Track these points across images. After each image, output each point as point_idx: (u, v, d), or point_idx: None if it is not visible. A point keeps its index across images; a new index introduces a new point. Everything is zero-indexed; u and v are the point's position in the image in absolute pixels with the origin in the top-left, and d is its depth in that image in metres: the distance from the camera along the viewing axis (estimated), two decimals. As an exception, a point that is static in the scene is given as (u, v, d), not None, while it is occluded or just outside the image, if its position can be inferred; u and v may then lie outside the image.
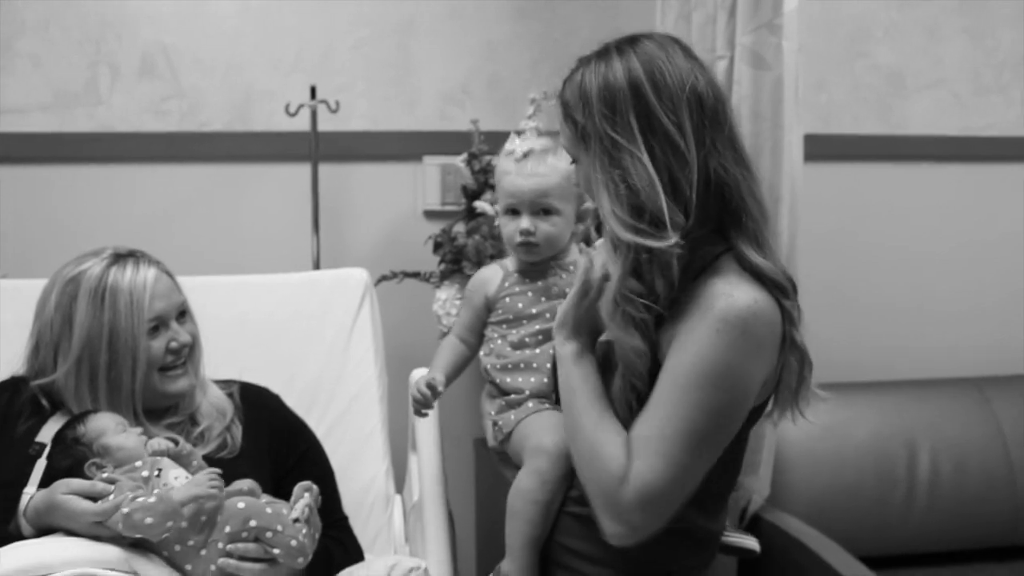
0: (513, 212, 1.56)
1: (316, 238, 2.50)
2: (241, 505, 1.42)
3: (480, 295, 1.62)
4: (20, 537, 1.42)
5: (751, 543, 1.60)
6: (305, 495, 1.48)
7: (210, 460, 1.60)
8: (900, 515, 2.42)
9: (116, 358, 1.57)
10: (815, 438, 2.40)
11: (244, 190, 2.59)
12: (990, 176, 2.94)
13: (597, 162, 1.24)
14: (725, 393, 1.21)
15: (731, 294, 1.21)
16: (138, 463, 1.45)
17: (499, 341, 1.57)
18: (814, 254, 2.55)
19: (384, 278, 2.46)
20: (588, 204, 1.53)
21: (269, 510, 1.43)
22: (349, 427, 2.00)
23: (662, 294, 1.21)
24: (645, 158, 1.20)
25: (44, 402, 1.62)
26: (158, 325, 1.62)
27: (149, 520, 1.37)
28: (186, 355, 1.66)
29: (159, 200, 2.56)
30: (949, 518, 2.44)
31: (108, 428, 1.49)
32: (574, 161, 1.33)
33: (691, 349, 1.21)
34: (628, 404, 1.26)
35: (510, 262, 1.63)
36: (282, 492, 1.62)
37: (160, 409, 1.66)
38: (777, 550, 2.18)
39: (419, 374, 1.60)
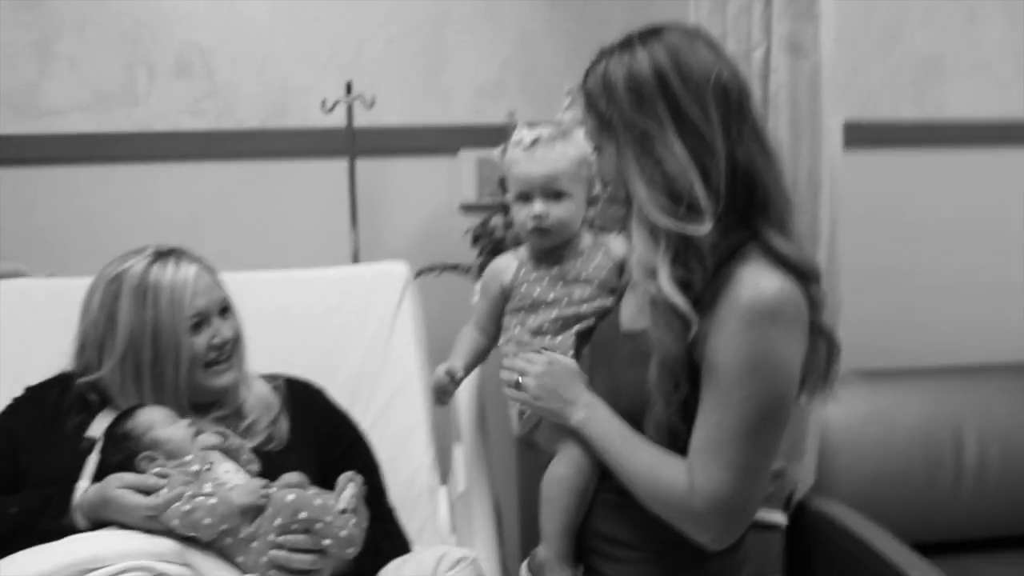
0: (524, 198, 1.54)
1: (355, 233, 2.51)
2: (290, 497, 1.42)
3: (496, 284, 1.61)
4: (74, 531, 1.43)
5: (777, 517, 1.59)
6: (350, 485, 1.48)
7: (258, 453, 1.61)
8: (947, 501, 2.40)
9: (160, 355, 1.59)
10: (861, 424, 2.38)
11: (282, 186, 2.61)
12: (1033, 160, 2.91)
13: (629, 151, 1.25)
14: (769, 383, 1.21)
15: (757, 283, 1.21)
16: (188, 457, 1.46)
17: (517, 328, 1.55)
18: (856, 241, 2.53)
19: (423, 271, 2.47)
20: (598, 189, 1.52)
21: (318, 501, 1.43)
22: (392, 420, 2.00)
23: (698, 281, 1.22)
24: (677, 146, 1.21)
25: (93, 397, 1.63)
26: (200, 321, 1.63)
27: (208, 521, 1.38)
28: (229, 350, 1.67)
29: (198, 198, 2.58)
30: (997, 504, 2.42)
31: (157, 421, 1.50)
32: (596, 149, 1.34)
33: (727, 346, 1.21)
34: (666, 394, 1.25)
35: (524, 250, 1.61)
36: (329, 484, 1.62)
37: (206, 404, 1.67)
38: (823, 537, 2.17)
39: (444, 368, 1.59)
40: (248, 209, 2.60)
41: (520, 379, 1.45)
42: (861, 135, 2.60)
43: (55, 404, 1.63)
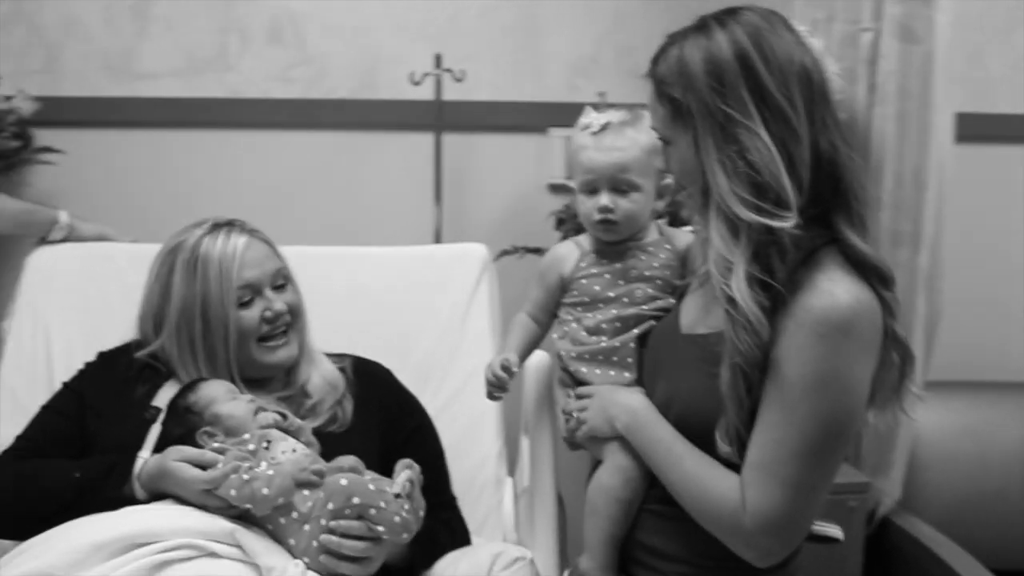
0: (591, 189, 1.47)
1: (438, 209, 2.48)
2: (344, 482, 1.39)
3: (555, 274, 1.53)
4: (133, 500, 1.43)
5: (834, 531, 1.51)
6: (405, 471, 1.44)
7: (319, 434, 1.58)
8: (1047, 527, 2.26)
9: (209, 328, 1.58)
10: (955, 439, 2.26)
11: (368, 159, 2.59)
12: None
13: (709, 139, 1.18)
14: (835, 401, 1.14)
15: (832, 291, 1.15)
16: (246, 435, 1.45)
17: (574, 325, 1.49)
18: (962, 244, 2.39)
19: (505, 253, 2.42)
20: (668, 180, 1.45)
21: (372, 487, 1.40)
22: (463, 405, 1.95)
23: (781, 277, 1.15)
24: (763, 133, 1.15)
25: (159, 367, 1.63)
26: (251, 294, 1.61)
27: (265, 491, 1.35)
28: (284, 325, 1.64)
29: (284, 166, 2.58)
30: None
31: (219, 396, 1.49)
32: (665, 141, 1.27)
33: (794, 358, 1.14)
34: (739, 399, 1.18)
35: (586, 240, 1.54)
36: (390, 469, 1.59)
37: (267, 380, 1.66)
38: (905, 557, 2.06)
39: (498, 359, 1.54)
40: (333, 180, 2.59)
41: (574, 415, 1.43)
42: (975, 128, 2.44)
43: (124, 371, 1.63)
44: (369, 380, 1.74)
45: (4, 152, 2.31)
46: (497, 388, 1.52)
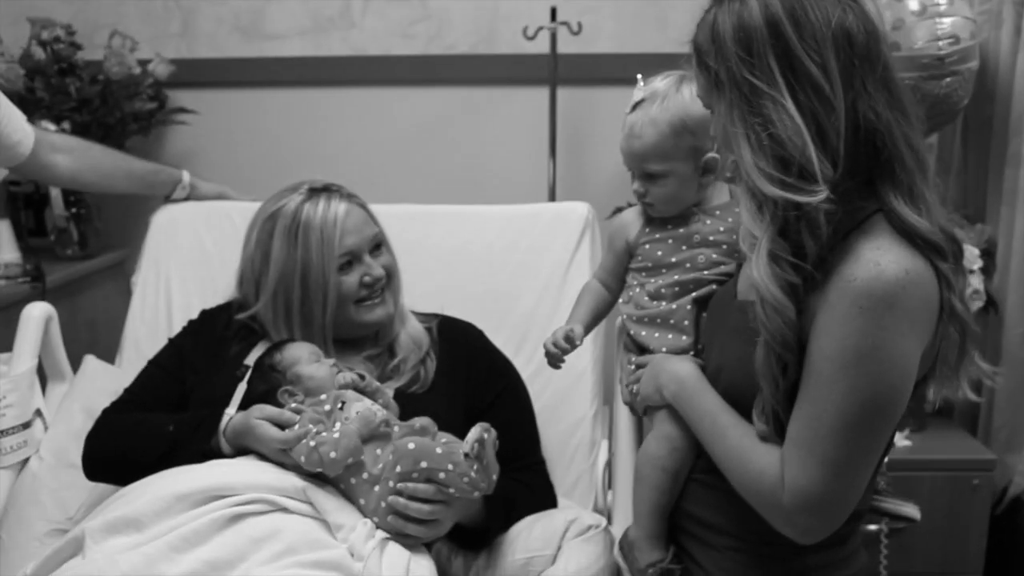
0: (629, 170, 1.45)
1: (552, 164, 2.44)
2: (411, 446, 1.40)
3: (621, 239, 1.51)
4: (219, 454, 1.50)
5: (909, 510, 1.41)
6: (476, 430, 1.43)
7: (401, 394, 1.60)
8: None
9: (308, 294, 1.60)
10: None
11: (484, 114, 2.58)
12: None
13: (735, 111, 1.12)
14: (877, 378, 1.08)
15: (878, 262, 1.07)
16: (323, 396, 1.48)
17: (637, 289, 1.46)
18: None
19: (619, 210, 2.36)
20: (712, 152, 1.38)
21: (439, 451, 1.41)
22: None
23: (812, 255, 1.09)
24: (789, 104, 1.09)
25: (255, 326, 1.69)
26: (351, 260, 1.63)
27: (333, 455, 1.38)
28: (381, 287, 1.66)
29: (403, 123, 2.61)
30: None
31: (302, 357, 1.53)
32: (710, 110, 1.21)
33: (834, 331, 1.08)
34: (774, 378, 1.14)
35: None
36: None
37: (358, 339, 1.68)
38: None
39: (562, 330, 1.51)
40: (450, 136, 2.59)
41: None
42: None
43: (222, 330, 1.70)
44: (456, 340, 1.75)
45: (140, 114, 2.42)
46: (557, 359, 1.50)
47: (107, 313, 2.46)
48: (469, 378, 1.70)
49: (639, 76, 1.48)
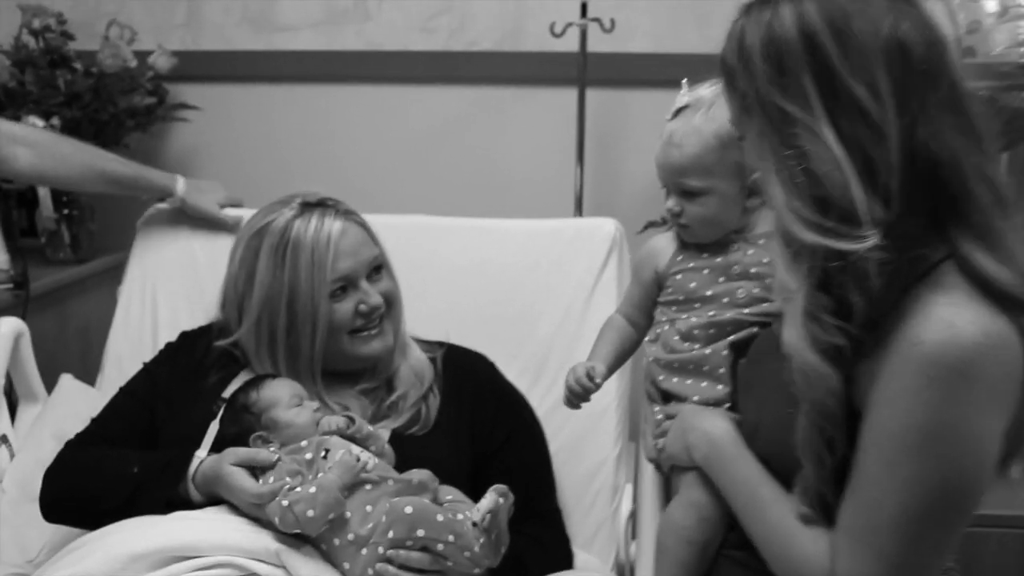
0: (664, 187, 1.29)
1: (580, 172, 2.25)
2: (408, 510, 1.22)
3: (649, 269, 1.34)
4: (187, 501, 1.33)
5: None
6: (491, 497, 1.24)
7: (398, 436, 1.43)
8: None
9: (295, 321, 1.42)
10: None
11: (507, 115, 2.39)
12: None
13: (765, 142, 0.95)
14: (949, 463, 0.91)
15: (951, 322, 0.89)
16: (303, 443, 1.30)
17: (667, 327, 1.29)
18: None
19: (651, 224, 2.16)
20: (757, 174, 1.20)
21: (440, 517, 1.22)
22: (580, 401, 1.74)
23: (860, 313, 0.92)
24: (827, 133, 0.91)
25: (237, 353, 1.51)
26: (345, 286, 1.44)
27: (311, 513, 1.21)
28: (379, 317, 1.48)
29: (419, 123, 2.43)
30: None
31: (281, 400, 1.35)
32: (741, 138, 1.03)
33: (896, 405, 0.91)
34: (818, 456, 0.98)
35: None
36: (483, 474, 1.45)
37: (353, 371, 1.50)
38: None
39: (583, 367, 1.33)
40: (470, 139, 2.41)
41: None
42: None
43: (201, 357, 1.53)
44: (464, 373, 1.56)
45: (137, 110, 2.26)
46: (577, 398, 1.33)
47: (100, 322, 2.27)
48: (476, 418, 1.51)
49: (684, 81, 1.31)
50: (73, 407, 1.71)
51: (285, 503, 1.21)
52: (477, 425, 1.50)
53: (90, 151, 1.85)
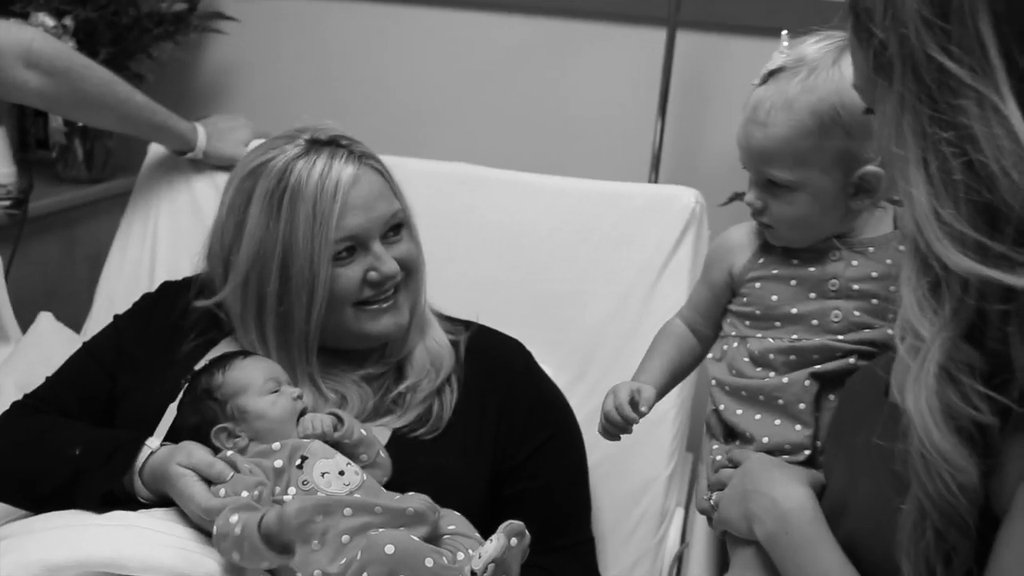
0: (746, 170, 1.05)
1: (660, 127, 1.95)
2: (390, 550, 0.95)
3: (722, 268, 1.09)
4: (131, 497, 1.10)
5: None
6: (499, 538, 0.98)
7: (401, 439, 1.17)
8: None
9: (289, 287, 1.16)
10: None
11: (580, 55, 2.10)
12: None
13: (907, 118, 0.69)
14: None
15: None
16: (276, 445, 1.05)
17: (736, 344, 1.06)
18: None
19: (737, 196, 1.86)
20: (870, 167, 0.95)
21: (429, 563, 0.95)
22: (632, 404, 1.47)
23: (1022, 376, 0.67)
24: (1012, 109, 0.65)
25: (223, 315, 1.26)
26: (353, 246, 1.18)
27: (236, 556, 0.98)
28: (392, 287, 1.21)
29: (474, 55, 2.16)
30: None
31: (252, 385, 1.10)
32: (869, 111, 0.78)
33: None
34: (929, 567, 0.73)
35: None
36: (503, 494, 1.21)
37: (357, 351, 1.24)
38: None
39: (627, 389, 1.07)
40: (531, 79, 2.13)
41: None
42: None
43: (180, 316, 1.28)
44: (490, 363, 1.29)
45: (165, 16, 2.01)
46: (616, 428, 1.07)
47: (114, 250, 2.12)
48: (502, 421, 1.24)
49: (784, 32, 1.02)
50: (46, 351, 1.52)
51: (215, 531, 0.98)
52: (502, 431, 1.23)
53: (112, 85, 1.63)
